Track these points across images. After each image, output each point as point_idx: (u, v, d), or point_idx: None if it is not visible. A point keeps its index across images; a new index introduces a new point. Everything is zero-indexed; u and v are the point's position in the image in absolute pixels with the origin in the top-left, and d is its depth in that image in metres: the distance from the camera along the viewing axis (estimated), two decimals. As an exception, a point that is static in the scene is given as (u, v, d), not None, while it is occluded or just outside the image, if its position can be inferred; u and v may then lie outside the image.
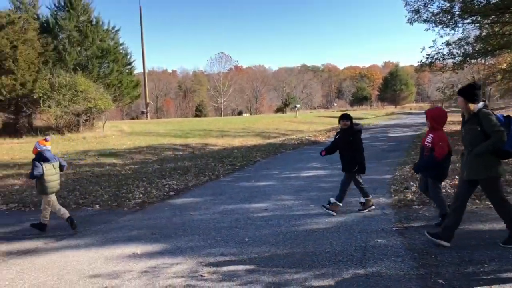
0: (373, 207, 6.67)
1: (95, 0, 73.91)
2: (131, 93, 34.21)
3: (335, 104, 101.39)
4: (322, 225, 6.00)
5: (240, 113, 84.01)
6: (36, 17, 31.11)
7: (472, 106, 4.73)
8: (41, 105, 23.90)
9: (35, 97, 24.49)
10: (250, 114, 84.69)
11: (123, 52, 34.07)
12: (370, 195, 6.77)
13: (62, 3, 31.77)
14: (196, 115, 76.61)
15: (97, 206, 7.99)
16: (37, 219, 6.55)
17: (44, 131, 24.52)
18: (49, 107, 23.56)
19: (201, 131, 27.47)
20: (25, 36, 26.48)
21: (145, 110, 59.22)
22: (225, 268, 4.51)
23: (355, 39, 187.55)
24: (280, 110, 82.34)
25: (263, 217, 6.61)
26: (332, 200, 6.59)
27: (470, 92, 4.79)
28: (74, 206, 8.03)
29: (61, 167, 6.47)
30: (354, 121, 6.86)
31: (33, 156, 6.29)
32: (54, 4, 32.18)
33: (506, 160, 6.43)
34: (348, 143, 6.58)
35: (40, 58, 27.19)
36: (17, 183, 10.60)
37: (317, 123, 35.76)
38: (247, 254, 4.94)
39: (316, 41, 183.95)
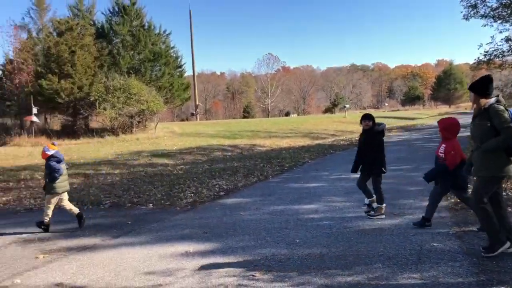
0: (383, 216, 6.39)
1: (147, 5, 76.34)
2: (181, 95, 35.00)
3: (386, 104, 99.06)
4: (375, 228, 5.86)
5: (287, 114, 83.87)
6: (92, 23, 32.55)
7: (483, 101, 4.50)
8: (97, 107, 24.96)
9: (91, 99, 25.61)
10: (298, 114, 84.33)
11: (174, 55, 34.94)
12: (384, 204, 6.50)
13: (117, 9, 33.01)
14: (244, 116, 77.17)
15: (151, 205, 8.22)
16: (95, 216, 6.82)
17: (99, 132, 25.57)
18: (104, 109, 24.56)
19: (249, 132, 27.65)
20: (82, 41, 27.76)
21: (194, 112, 60.38)
22: (276, 269, 4.49)
23: (407, 37, 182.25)
24: (328, 110, 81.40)
25: (314, 219, 6.54)
26: (375, 205, 6.46)
27: (481, 86, 4.57)
28: (129, 205, 8.30)
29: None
30: (381, 121, 6.72)
31: (43, 160, 6.49)
32: (109, 10, 33.53)
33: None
34: (369, 144, 6.42)
35: (96, 62, 28.39)
36: (75, 182, 11.09)
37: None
38: (298, 256, 4.89)
39: (366, 40, 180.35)
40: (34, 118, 25.16)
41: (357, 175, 6.70)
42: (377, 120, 6.60)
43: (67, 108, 28.39)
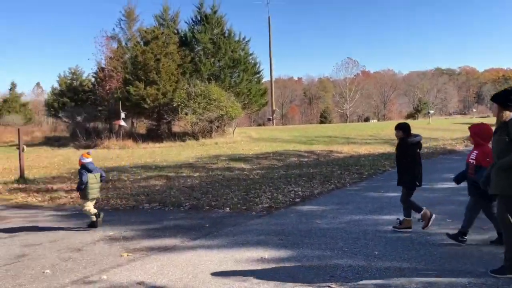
0: (410, 229, 6.10)
1: (227, 13, 78.52)
2: (259, 100, 35.45)
3: (474, 110, 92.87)
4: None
5: (367, 120, 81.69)
6: (176, 32, 34.05)
7: (507, 114, 4.15)
8: (179, 112, 26.03)
9: (174, 105, 26.76)
10: (378, 120, 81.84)
11: (253, 61, 35.49)
12: (412, 217, 6.18)
13: (199, 18, 34.24)
14: (321, 122, 76.44)
15: (228, 208, 8.36)
16: (175, 217, 7.05)
17: (181, 136, 26.65)
18: (186, 114, 25.56)
19: (326, 137, 27.28)
20: (166, 49, 29.14)
21: (271, 117, 60.89)
22: (353, 281, 4.35)
23: (497, 38, 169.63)
24: (411, 116, 78.09)
25: (394, 230, 6.26)
26: (401, 217, 6.26)
27: (505, 97, 4.19)
28: (207, 207, 8.51)
29: (101, 178, 7.31)
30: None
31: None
32: (192, 19, 34.88)
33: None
34: (401, 156, 6.15)
35: (179, 70, 29.66)
36: (158, 184, 11.61)
37: (453, 130, 33.06)
38: (376, 268, 4.70)
39: (451, 43, 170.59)
40: (122, 122, 26.82)
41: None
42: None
43: (152, 113, 29.90)
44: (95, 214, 7.14)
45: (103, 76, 32.12)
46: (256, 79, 35.90)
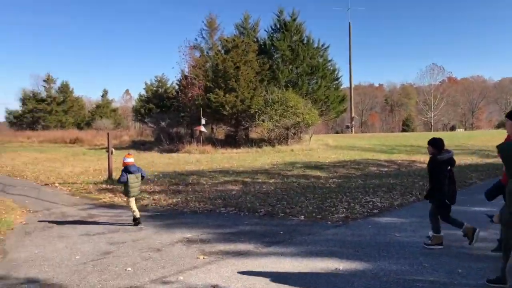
0: (441, 247, 5.79)
1: (306, 19, 78.45)
2: (337, 107, 34.95)
3: None
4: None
5: (452, 128, 77.32)
6: (255, 40, 34.63)
7: None
8: (257, 119, 26.39)
9: (251, 112, 27.19)
10: (465, 129, 77.03)
11: (331, 68, 35.12)
12: (442, 233, 5.89)
13: (278, 26, 34.59)
14: (403, 130, 73.58)
15: (302, 216, 8.28)
16: (250, 223, 7.11)
17: (258, 142, 26.98)
18: (263, 121, 25.86)
19: (408, 147, 26.17)
20: (246, 57, 29.72)
21: (350, 124, 59.72)
22: (434, 300, 4.09)
23: None
24: (502, 125, 72.53)
25: (480, 247, 5.81)
26: (430, 233, 5.98)
27: None
28: (282, 214, 8.50)
29: (142, 177, 8.22)
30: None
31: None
32: (271, 27, 35.33)
33: None
34: (432, 171, 5.87)
35: (257, 77, 30.10)
36: (235, 189, 11.81)
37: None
38: (459, 287, 4.39)
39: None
40: (203, 128, 27.76)
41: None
42: None
43: (231, 119, 30.60)
44: (135, 219, 8.03)
45: (186, 84, 33.50)
46: (334, 86, 35.46)
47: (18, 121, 56.12)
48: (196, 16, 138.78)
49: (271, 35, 34.87)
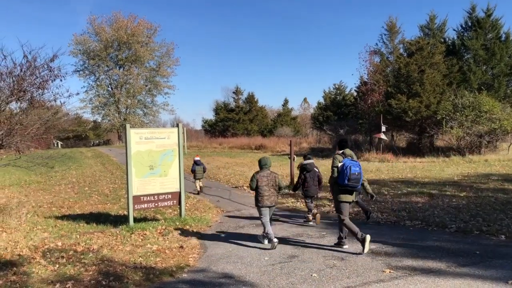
0: None
1: (505, 14, 69.77)
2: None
3: None
4: None
5: None
6: (442, 40, 32.24)
7: None
8: (443, 126, 24.43)
9: (437, 118, 25.29)
10: None
11: (536, 66, 30.44)
12: None
13: (469, 24, 31.63)
14: None
15: (503, 236, 7.30)
16: (439, 239, 6.55)
17: (445, 151, 24.92)
18: (451, 128, 23.81)
19: None
20: (431, 60, 27.88)
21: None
22: None
23: None
24: None
25: None
26: None
27: None
28: (477, 232, 7.63)
29: (204, 169, 14.36)
30: None
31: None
32: (461, 26, 32.50)
33: None
34: None
35: (444, 80, 27.92)
36: (420, 201, 11.09)
37: None
38: None
39: None
40: (382, 136, 26.91)
41: None
42: None
43: (413, 126, 29.00)
44: (198, 190, 13.95)
45: (365, 90, 33.04)
46: (540, 87, 30.61)
47: (211, 129, 63.05)
48: (377, 22, 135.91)
49: (461, 34, 31.94)
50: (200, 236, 8.00)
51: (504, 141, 25.33)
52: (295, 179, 10.50)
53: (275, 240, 6.87)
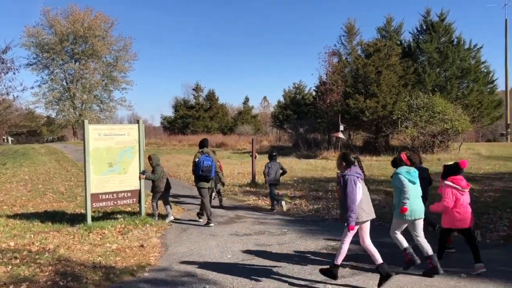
0: None
1: (457, 19, 72.77)
2: (491, 113, 31.71)
3: None
4: None
5: None
6: (398, 43, 33.23)
7: None
8: (399, 125, 25.19)
9: (393, 118, 26.05)
10: None
11: (485, 70, 32.01)
12: None
13: (424, 27, 32.77)
14: None
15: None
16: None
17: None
18: (406, 127, 24.57)
19: None
20: (388, 61, 28.70)
21: (505, 132, 53.47)
22: None
23: None
24: None
25: None
26: None
27: None
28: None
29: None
30: None
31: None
32: (416, 29, 33.67)
33: None
34: None
35: (400, 81, 28.81)
36: (377, 199, 11.41)
37: None
38: None
39: None
40: (340, 135, 27.44)
41: None
42: None
43: (370, 126, 29.76)
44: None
45: (324, 90, 33.57)
46: (488, 90, 32.13)
47: (171, 126, 62.24)
48: (337, 22, 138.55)
49: (416, 37, 33.08)
50: (161, 235, 7.90)
51: (456, 141, 26.41)
52: (257, 177, 10.56)
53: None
